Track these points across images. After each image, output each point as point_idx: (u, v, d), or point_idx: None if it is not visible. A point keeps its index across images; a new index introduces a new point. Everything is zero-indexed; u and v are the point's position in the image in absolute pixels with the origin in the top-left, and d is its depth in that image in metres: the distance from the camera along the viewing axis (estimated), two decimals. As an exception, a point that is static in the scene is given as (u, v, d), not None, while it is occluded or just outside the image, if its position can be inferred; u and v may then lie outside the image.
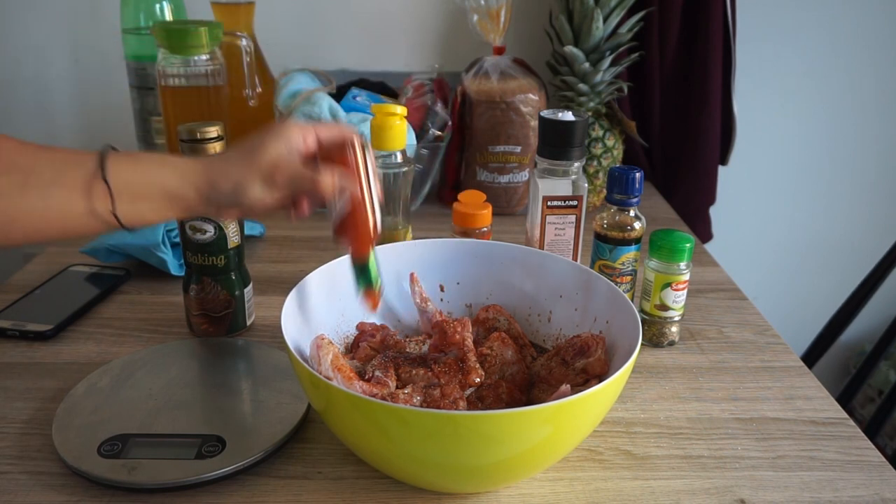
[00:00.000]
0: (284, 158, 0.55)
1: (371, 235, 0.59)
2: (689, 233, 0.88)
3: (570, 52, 0.99)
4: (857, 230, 1.42)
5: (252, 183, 0.55)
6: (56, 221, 0.52)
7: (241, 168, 0.55)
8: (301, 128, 0.57)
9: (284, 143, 0.55)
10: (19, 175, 0.51)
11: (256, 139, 0.56)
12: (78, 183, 0.52)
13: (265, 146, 0.55)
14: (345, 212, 0.58)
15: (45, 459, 0.56)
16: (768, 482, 0.56)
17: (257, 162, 0.55)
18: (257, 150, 0.55)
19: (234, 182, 0.55)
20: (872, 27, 1.28)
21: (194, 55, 0.89)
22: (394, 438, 0.48)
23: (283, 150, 0.55)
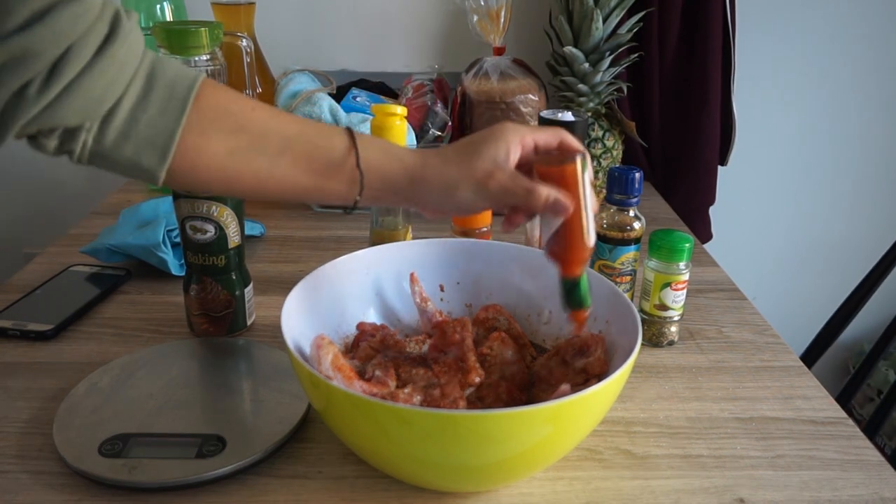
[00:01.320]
0: (498, 167, 0.54)
1: (585, 255, 0.56)
2: (689, 233, 0.88)
3: (570, 53, 0.99)
4: (856, 230, 1.42)
5: (463, 188, 0.54)
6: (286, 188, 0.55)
7: (455, 170, 0.54)
8: (520, 132, 0.56)
9: (502, 148, 0.54)
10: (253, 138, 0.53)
11: (476, 141, 0.55)
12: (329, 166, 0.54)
13: (481, 151, 0.54)
14: (558, 228, 0.55)
15: (45, 459, 0.56)
16: (767, 481, 0.56)
17: (472, 166, 0.54)
18: (473, 155, 0.54)
19: (444, 183, 0.54)
20: (872, 27, 1.28)
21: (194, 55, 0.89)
22: (394, 438, 0.48)
23: (500, 156, 0.54)
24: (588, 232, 0.55)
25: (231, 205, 0.68)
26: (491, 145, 0.54)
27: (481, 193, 0.54)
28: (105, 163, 0.51)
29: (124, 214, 0.89)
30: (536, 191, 0.53)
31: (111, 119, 0.49)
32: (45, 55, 0.44)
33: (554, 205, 0.53)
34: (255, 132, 0.53)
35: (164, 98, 0.51)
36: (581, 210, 0.54)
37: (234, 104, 0.54)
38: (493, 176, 0.54)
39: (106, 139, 0.50)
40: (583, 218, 0.55)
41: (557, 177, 0.54)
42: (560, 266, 0.56)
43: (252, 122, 0.53)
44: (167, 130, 0.51)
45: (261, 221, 0.98)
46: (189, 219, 0.67)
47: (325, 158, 0.54)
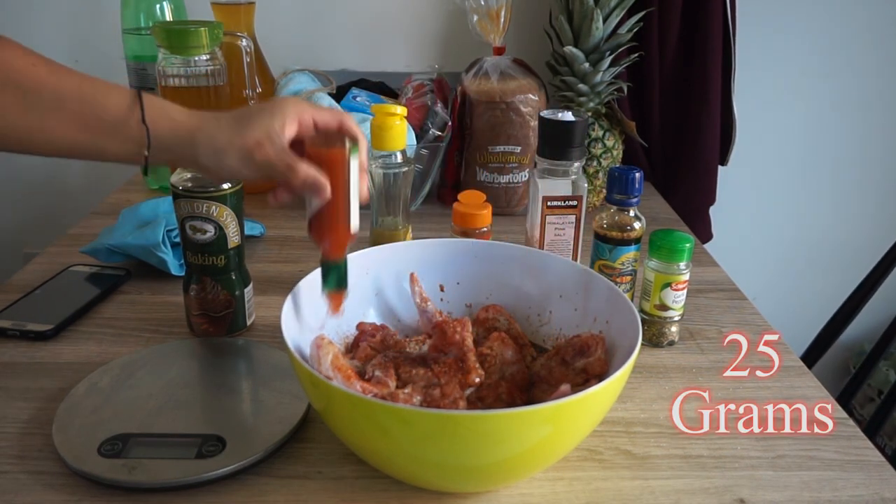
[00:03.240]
0: (269, 139, 0.54)
1: (345, 238, 0.58)
2: (689, 233, 0.88)
3: (570, 53, 0.99)
4: (856, 230, 1.42)
5: (229, 155, 0.55)
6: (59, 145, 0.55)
7: (225, 136, 0.55)
8: (298, 108, 0.56)
9: (277, 122, 0.55)
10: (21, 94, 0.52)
11: (254, 111, 0.56)
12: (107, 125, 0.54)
13: (254, 121, 0.55)
14: (318, 210, 0.56)
15: (45, 459, 0.56)
16: (768, 482, 0.56)
17: (241, 135, 0.55)
18: (246, 124, 0.55)
19: (213, 148, 0.55)
20: (872, 27, 1.28)
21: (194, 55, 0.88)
22: (394, 438, 0.48)
23: (273, 129, 0.54)
24: (349, 218, 0.57)
25: (231, 205, 0.68)
26: (266, 116, 0.55)
27: (247, 162, 0.55)
28: None
29: (124, 214, 0.89)
30: (296, 168, 0.54)
31: None
32: None
33: (312, 185, 0.55)
34: (28, 88, 0.53)
35: None
36: (342, 196, 0.56)
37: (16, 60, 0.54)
38: (262, 147, 0.54)
39: None
40: (345, 204, 0.56)
41: (322, 159, 0.55)
42: (320, 247, 0.58)
43: (27, 77, 0.53)
44: None
45: (261, 221, 0.98)
46: (189, 219, 0.67)
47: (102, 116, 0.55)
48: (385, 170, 0.73)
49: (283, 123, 0.55)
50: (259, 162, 0.55)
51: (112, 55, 1.13)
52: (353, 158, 0.56)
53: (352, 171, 0.56)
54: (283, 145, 0.55)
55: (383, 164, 0.73)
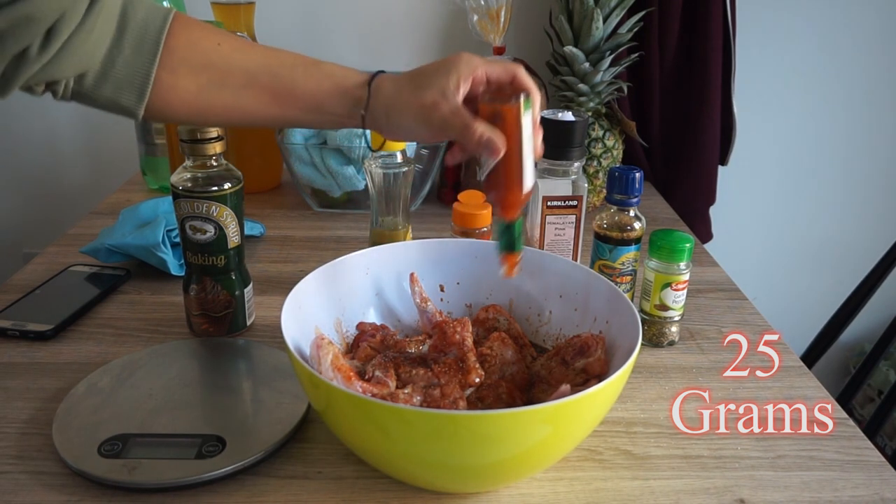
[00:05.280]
0: (444, 98, 0.55)
1: (518, 196, 0.56)
2: (689, 233, 0.88)
3: (570, 53, 0.99)
4: (856, 230, 1.42)
5: (405, 115, 0.56)
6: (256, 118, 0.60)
7: (403, 97, 0.56)
8: (472, 64, 0.56)
9: (452, 80, 0.55)
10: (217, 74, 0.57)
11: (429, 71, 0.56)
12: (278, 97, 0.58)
13: (429, 80, 0.55)
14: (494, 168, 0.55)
15: (45, 459, 0.56)
16: (768, 482, 0.56)
17: (417, 95, 0.55)
18: (421, 83, 0.56)
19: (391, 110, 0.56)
20: (873, 27, 1.28)
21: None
22: (394, 438, 0.48)
23: (448, 88, 0.55)
24: (524, 176, 0.55)
25: (231, 205, 0.68)
26: (442, 76, 0.55)
27: (423, 122, 0.56)
28: (86, 101, 0.55)
29: (124, 214, 0.89)
30: (471, 127, 0.54)
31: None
32: (44, 21, 0.48)
33: (487, 144, 0.54)
34: (220, 68, 0.57)
35: (137, 39, 0.54)
36: (516, 153, 0.54)
37: (202, 40, 0.57)
38: (438, 107, 0.55)
39: (86, 81, 0.53)
40: (519, 161, 0.54)
41: (496, 116, 0.54)
42: (495, 207, 0.57)
43: (218, 57, 0.57)
44: (142, 71, 0.54)
45: (261, 221, 0.98)
46: (189, 219, 0.67)
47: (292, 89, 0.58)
48: (385, 170, 0.73)
49: (457, 81, 0.55)
50: (435, 122, 0.55)
51: (112, 55, 1.12)
52: (527, 114, 0.55)
53: (525, 127, 0.55)
54: (457, 104, 0.55)
55: (383, 164, 0.73)
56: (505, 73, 0.57)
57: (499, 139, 0.54)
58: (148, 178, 1.11)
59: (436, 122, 0.55)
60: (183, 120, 0.59)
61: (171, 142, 1.02)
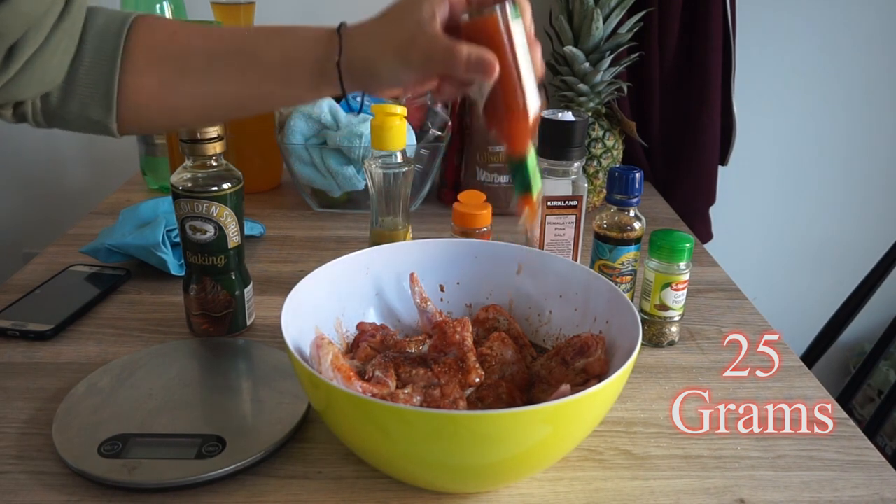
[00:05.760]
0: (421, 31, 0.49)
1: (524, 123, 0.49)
2: (689, 233, 0.88)
3: (570, 52, 0.99)
4: (856, 230, 1.42)
5: (385, 58, 0.51)
6: (229, 102, 0.55)
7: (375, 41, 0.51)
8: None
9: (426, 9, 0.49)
10: (175, 62, 0.53)
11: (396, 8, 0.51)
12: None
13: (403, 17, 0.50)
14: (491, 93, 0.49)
15: (45, 459, 0.56)
16: (768, 482, 0.56)
17: (391, 35, 0.50)
18: (395, 23, 0.51)
19: (364, 56, 0.51)
20: (873, 27, 1.28)
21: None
22: (394, 438, 0.48)
23: (422, 19, 0.49)
24: (527, 97, 0.49)
25: (231, 205, 0.68)
26: (414, 6, 0.50)
27: (404, 63, 0.50)
28: (58, 122, 0.52)
29: (124, 214, 0.89)
30: (456, 51, 0.48)
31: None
32: (6, 38, 0.45)
33: (477, 64, 0.48)
34: (178, 55, 0.53)
35: (96, 47, 0.51)
36: (511, 69, 0.48)
37: (159, 33, 0.53)
38: (416, 40, 0.49)
39: (51, 99, 0.50)
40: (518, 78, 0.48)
41: (480, 31, 0.48)
42: (502, 140, 0.51)
43: (175, 45, 0.53)
44: (105, 78, 0.51)
45: (261, 221, 0.98)
46: (188, 219, 0.67)
47: (258, 58, 0.54)
48: (385, 170, 0.73)
49: (431, 8, 0.49)
50: (416, 58, 0.49)
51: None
52: (516, 22, 0.49)
53: (517, 38, 0.49)
54: (436, 32, 0.49)
55: (383, 164, 0.72)
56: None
57: (490, 56, 0.48)
58: (148, 178, 1.11)
59: (417, 58, 0.50)
60: (157, 122, 0.55)
61: (172, 142, 1.02)
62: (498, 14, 0.48)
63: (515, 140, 0.51)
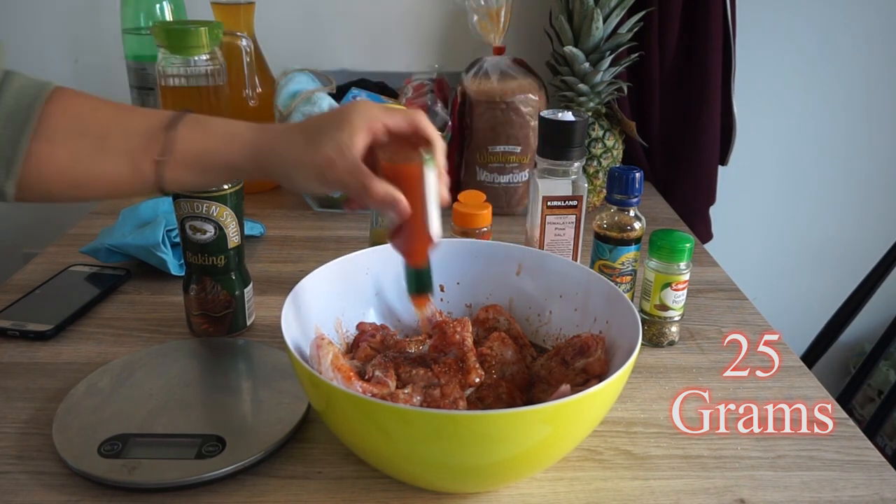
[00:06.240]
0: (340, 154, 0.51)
1: (426, 245, 0.55)
2: (689, 233, 0.88)
3: (570, 53, 0.99)
4: (857, 230, 1.42)
5: (302, 175, 0.52)
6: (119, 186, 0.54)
7: (295, 155, 0.52)
8: (368, 116, 0.52)
9: (346, 134, 0.51)
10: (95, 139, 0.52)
11: (321, 123, 0.53)
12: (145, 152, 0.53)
13: (323, 135, 0.52)
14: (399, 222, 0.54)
15: (45, 459, 0.56)
16: (768, 482, 0.56)
17: (312, 154, 0.52)
18: (315, 141, 0.52)
19: (284, 168, 0.53)
20: (873, 27, 1.28)
21: (194, 55, 0.88)
22: (394, 438, 0.48)
23: (342, 143, 0.51)
24: (430, 226, 0.54)
25: (231, 205, 0.68)
26: (335, 129, 0.51)
27: (319, 180, 0.52)
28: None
29: (124, 214, 0.89)
30: (371, 189, 0.51)
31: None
32: None
33: (391, 205, 0.52)
34: (97, 133, 0.53)
35: (9, 110, 0.50)
36: (420, 209, 0.53)
37: (82, 106, 0.53)
38: (333, 164, 0.51)
39: None
40: (423, 215, 0.53)
41: (398, 175, 0.52)
42: (403, 255, 0.56)
43: (95, 122, 0.53)
44: (11, 142, 0.50)
45: (261, 221, 0.98)
46: (189, 219, 0.67)
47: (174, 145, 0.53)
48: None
49: (352, 135, 0.51)
50: (331, 180, 0.52)
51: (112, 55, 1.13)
52: (430, 168, 0.53)
53: (429, 183, 0.53)
54: (354, 160, 0.51)
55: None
56: (406, 122, 0.54)
57: (403, 199, 0.52)
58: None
59: (332, 181, 0.52)
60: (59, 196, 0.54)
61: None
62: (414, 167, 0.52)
63: (417, 257, 0.56)
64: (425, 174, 0.53)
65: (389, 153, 0.54)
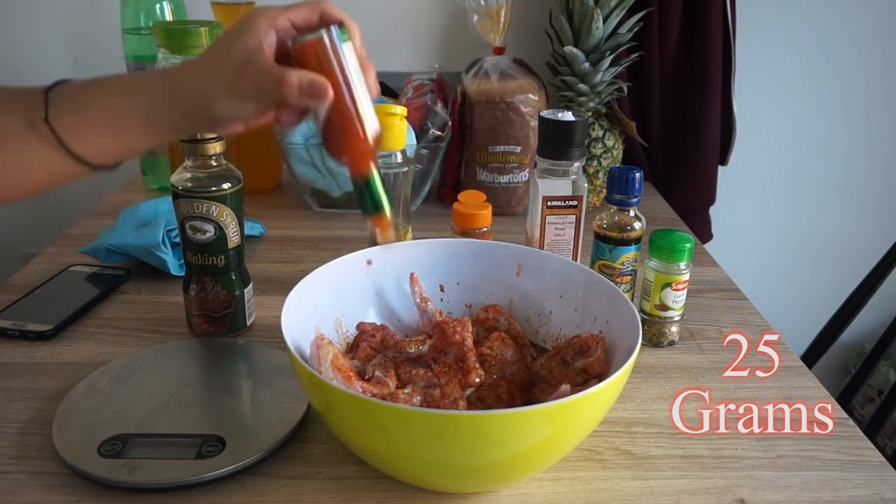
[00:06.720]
0: (248, 61, 0.47)
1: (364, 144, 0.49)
2: (689, 233, 0.88)
3: (570, 52, 0.99)
4: (856, 230, 1.42)
5: (217, 96, 0.48)
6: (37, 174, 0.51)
7: (203, 79, 0.48)
8: (270, 16, 0.48)
9: (251, 39, 0.47)
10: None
11: (223, 40, 0.49)
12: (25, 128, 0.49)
13: (230, 50, 0.48)
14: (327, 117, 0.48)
15: (45, 459, 0.56)
16: (768, 482, 0.56)
17: (220, 69, 0.48)
18: (222, 56, 0.48)
19: (196, 96, 0.48)
20: (872, 28, 1.28)
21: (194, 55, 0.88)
22: (394, 438, 0.48)
23: (248, 48, 0.47)
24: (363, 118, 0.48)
25: (231, 205, 0.68)
26: (238, 39, 0.48)
27: (237, 96, 0.48)
28: None
29: (124, 214, 0.89)
30: (286, 77, 0.47)
31: None
32: None
33: (308, 89, 0.47)
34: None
35: None
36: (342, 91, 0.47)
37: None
38: (244, 73, 0.47)
39: None
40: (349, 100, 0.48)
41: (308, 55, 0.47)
42: (344, 163, 0.51)
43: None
44: None
45: (261, 221, 0.98)
46: (189, 219, 0.67)
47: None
48: (385, 170, 0.72)
49: (257, 38, 0.47)
50: (247, 90, 0.48)
51: (112, 55, 1.13)
52: (346, 45, 0.48)
53: (348, 61, 0.48)
54: (264, 61, 0.48)
55: (383, 164, 0.72)
56: (309, 11, 0.50)
57: (321, 79, 0.47)
58: (148, 178, 1.11)
59: (248, 90, 0.48)
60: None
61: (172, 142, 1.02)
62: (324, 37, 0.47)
63: (356, 161, 0.50)
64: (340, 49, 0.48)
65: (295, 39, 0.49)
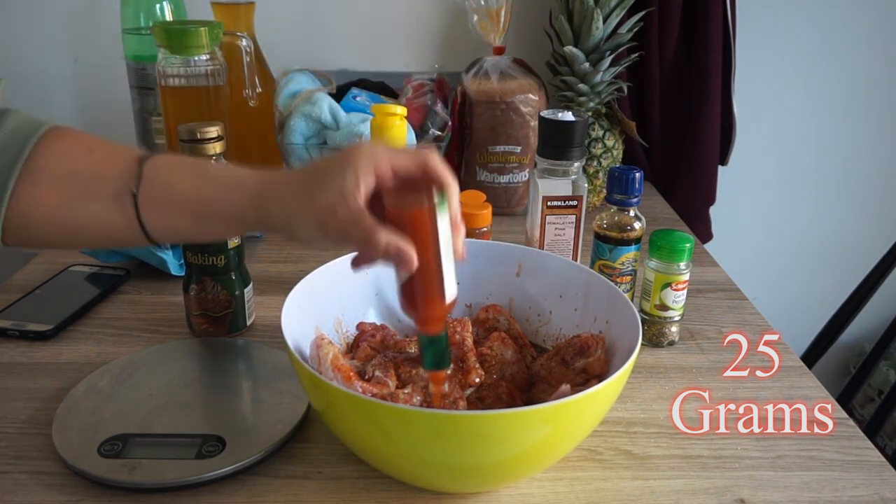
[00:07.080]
0: (343, 201, 0.46)
1: (440, 309, 0.49)
2: (689, 233, 0.88)
3: (570, 52, 0.99)
4: (857, 230, 1.42)
5: (303, 224, 0.48)
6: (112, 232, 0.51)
7: (295, 203, 0.48)
8: (373, 157, 0.47)
9: (350, 178, 0.46)
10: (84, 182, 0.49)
11: (322, 168, 0.48)
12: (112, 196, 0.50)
13: (325, 184, 0.47)
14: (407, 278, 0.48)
15: (45, 459, 0.56)
16: (768, 482, 0.56)
17: (313, 201, 0.47)
18: (316, 187, 0.47)
19: (285, 217, 0.48)
20: (872, 28, 1.28)
21: (194, 55, 0.88)
22: (394, 438, 0.48)
23: (345, 189, 0.46)
24: (444, 285, 0.48)
25: (231, 205, 0.68)
26: (338, 175, 0.46)
27: (322, 231, 0.47)
28: None
29: (124, 214, 0.89)
30: (376, 238, 0.46)
31: None
32: None
33: (395, 256, 0.46)
34: (89, 176, 0.50)
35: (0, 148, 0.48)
36: (432, 262, 0.47)
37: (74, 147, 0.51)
38: (335, 213, 0.46)
39: None
40: (437, 270, 0.47)
41: (405, 221, 0.47)
42: (415, 321, 0.50)
43: (86, 163, 0.50)
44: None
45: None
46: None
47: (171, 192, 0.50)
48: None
49: (356, 180, 0.46)
50: (334, 232, 0.47)
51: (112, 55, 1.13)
52: (443, 213, 0.47)
53: (441, 230, 0.47)
54: (358, 208, 0.46)
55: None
56: (414, 163, 0.48)
57: (409, 250, 0.46)
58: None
59: (334, 231, 0.47)
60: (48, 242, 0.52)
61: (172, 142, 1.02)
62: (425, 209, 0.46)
63: (430, 323, 0.50)
64: (438, 220, 0.47)
65: (396, 198, 0.48)
